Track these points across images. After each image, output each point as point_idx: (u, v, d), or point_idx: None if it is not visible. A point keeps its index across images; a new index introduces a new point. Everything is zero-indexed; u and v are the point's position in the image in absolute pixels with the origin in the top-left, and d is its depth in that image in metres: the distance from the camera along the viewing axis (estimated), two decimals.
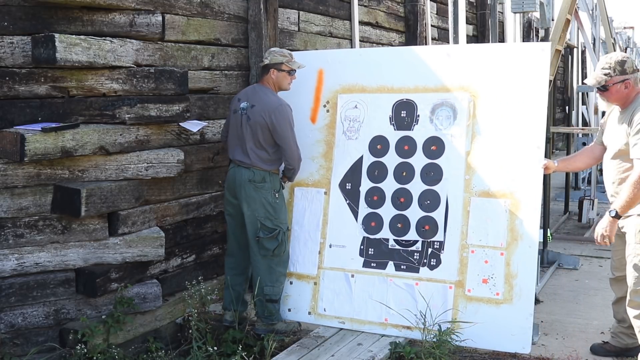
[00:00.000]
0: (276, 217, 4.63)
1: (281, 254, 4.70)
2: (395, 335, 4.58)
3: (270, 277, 4.68)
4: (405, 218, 4.78)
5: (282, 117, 4.57)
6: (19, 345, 4.20)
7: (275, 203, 4.63)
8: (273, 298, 4.69)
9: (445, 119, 4.78)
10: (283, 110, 4.59)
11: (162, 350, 4.57)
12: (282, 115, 4.57)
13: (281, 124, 4.56)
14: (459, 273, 4.56)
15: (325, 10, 6.88)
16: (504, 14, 9.76)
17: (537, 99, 4.53)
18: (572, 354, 4.38)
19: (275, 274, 4.71)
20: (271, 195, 4.62)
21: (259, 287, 4.64)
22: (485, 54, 4.80)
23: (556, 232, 8.15)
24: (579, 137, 9.88)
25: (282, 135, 4.58)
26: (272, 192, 4.63)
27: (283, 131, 4.57)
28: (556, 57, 5.84)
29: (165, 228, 4.87)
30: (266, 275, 4.67)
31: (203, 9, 5.23)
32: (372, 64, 5.06)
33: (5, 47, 4.07)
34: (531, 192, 4.45)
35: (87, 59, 4.15)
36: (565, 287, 5.91)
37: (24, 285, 4.19)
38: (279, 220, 4.65)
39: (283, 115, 4.57)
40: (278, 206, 4.66)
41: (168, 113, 4.65)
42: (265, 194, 4.60)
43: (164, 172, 4.66)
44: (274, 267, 4.69)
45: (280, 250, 4.68)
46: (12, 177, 4.09)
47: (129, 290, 4.52)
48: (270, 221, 4.62)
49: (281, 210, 4.69)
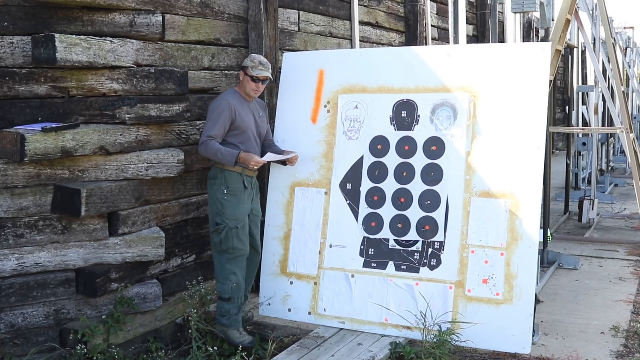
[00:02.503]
0: (223, 212, 4.56)
1: (229, 249, 4.57)
2: (395, 335, 4.58)
3: (222, 274, 4.63)
4: (405, 218, 4.78)
5: (210, 106, 4.61)
6: (19, 345, 4.20)
7: (223, 199, 4.57)
8: (222, 296, 4.62)
9: (446, 119, 4.78)
10: (215, 100, 4.64)
11: (162, 350, 4.57)
12: (210, 105, 4.62)
13: (208, 111, 4.61)
14: (459, 273, 4.56)
15: (325, 10, 6.88)
16: (504, 14, 9.75)
17: (537, 99, 4.53)
18: (572, 354, 4.39)
19: (225, 271, 4.61)
20: (220, 192, 4.57)
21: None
22: (486, 54, 4.80)
23: (556, 232, 8.15)
24: (579, 137, 9.88)
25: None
26: (221, 188, 4.57)
27: (207, 117, 4.62)
28: (556, 57, 5.84)
29: (165, 228, 4.87)
30: (218, 271, 4.66)
31: (203, 9, 5.23)
32: (373, 64, 5.06)
33: (5, 47, 4.07)
34: (531, 192, 4.45)
35: (87, 59, 4.15)
36: (565, 287, 5.91)
37: (24, 285, 4.19)
38: (225, 216, 4.56)
39: (211, 104, 4.61)
40: (226, 202, 4.57)
41: (168, 113, 4.65)
42: (215, 191, 4.59)
43: (164, 172, 4.66)
44: (224, 264, 4.60)
45: (227, 246, 4.56)
46: (12, 177, 4.09)
47: (129, 290, 4.52)
48: (219, 216, 4.59)
49: (230, 206, 4.58)
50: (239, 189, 4.62)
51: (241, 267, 4.67)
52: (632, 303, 5.43)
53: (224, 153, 4.48)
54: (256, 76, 4.63)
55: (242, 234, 4.62)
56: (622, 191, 11.62)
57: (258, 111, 4.83)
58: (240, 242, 4.62)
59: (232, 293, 4.61)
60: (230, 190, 4.59)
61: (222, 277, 4.62)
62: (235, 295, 4.62)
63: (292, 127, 5.18)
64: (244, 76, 4.68)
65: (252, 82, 4.65)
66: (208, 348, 4.35)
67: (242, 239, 4.62)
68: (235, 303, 4.63)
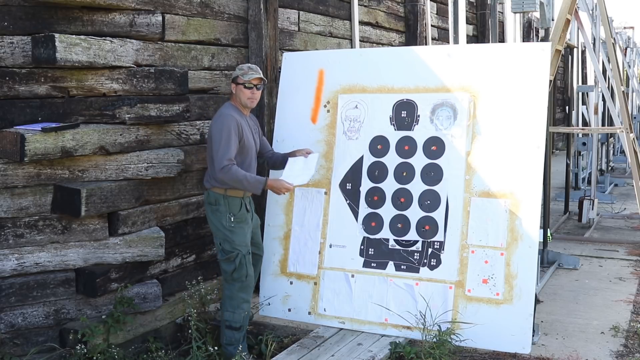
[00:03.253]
0: (232, 240, 4.38)
1: (242, 278, 4.40)
2: (395, 335, 4.58)
3: (231, 303, 4.43)
4: (405, 218, 4.78)
5: (215, 125, 4.32)
6: (19, 345, 4.20)
7: (231, 227, 4.37)
8: (233, 325, 4.43)
9: (446, 119, 4.78)
10: (219, 118, 4.34)
11: (162, 350, 4.56)
12: (216, 123, 4.32)
13: (212, 131, 4.32)
14: (459, 273, 4.56)
15: (325, 10, 6.88)
16: (504, 14, 9.76)
17: (537, 99, 4.53)
18: (572, 354, 4.39)
19: (237, 299, 4.42)
20: (226, 219, 4.37)
21: (221, 311, 4.54)
22: (486, 54, 4.80)
23: (556, 232, 8.16)
24: (579, 137, 9.88)
25: (210, 144, 4.33)
26: (227, 216, 4.36)
27: (212, 138, 4.31)
28: (556, 57, 5.84)
29: (165, 228, 4.87)
30: (227, 299, 4.46)
31: (203, 9, 5.23)
32: (373, 64, 5.06)
33: (5, 47, 4.07)
34: (531, 192, 4.45)
35: (87, 59, 4.15)
36: (565, 287, 5.91)
37: (24, 285, 4.19)
38: (236, 244, 4.38)
39: (217, 123, 4.32)
40: (235, 229, 4.38)
41: (168, 113, 4.65)
42: (220, 218, 4.38)
43: (164, 172, 4.66)
44: (236, 293, 4.42)
45: (240, 275, 4.39)
46: (12, 177, 4.09)
47: (129, 290, 4.52)
48: (229, 244, 4.39)
49: (239, 233, 4.39)
50: (244, 214, 4.44)
51: (251, 293, 4.52)
52: (632, 303, 5.44)
53: (250, 180, 4.28)
54: (248, 81, 4.40)
55: (248, 261, 4.46)
56: (622, 191, 11.62)
57: (253, 125, 4.62)
58: (250, 269, 4.46)
59: (243, 321, 4.46)
60: (237, 218, 4.40)
61: (234, 306, 4.43)
62: (245, 323, 4.49)
63: (292, 127, 5.18)
64: (236, 87, 4.44)
65: (245, 89, 4.41)
66: (208, 348, 4.35)
67: (249, 267, 4.46)
68: (243, 331, 4.48)
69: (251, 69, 4.47)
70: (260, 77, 4.47)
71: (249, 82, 4.41)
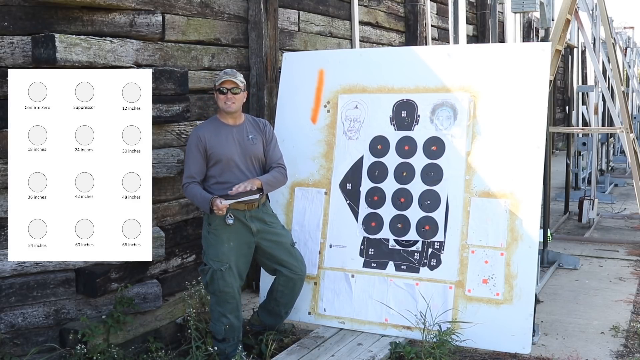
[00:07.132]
0: (207, 252, 4.32)
1: (216, 293, 4.29)
2: (395, 335, 4.58)
3: (212, 314, 4.39)
4: (405, 218, 4.78)
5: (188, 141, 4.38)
6: (19, 345, 4.20)
7: (207, 236, 4.32)
8: (215, 336, 4.35)
9: (446, 119, 4.78)
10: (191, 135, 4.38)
11: (162, 350, 4.56)
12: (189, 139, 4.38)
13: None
14: (459, 273, 4.56)
15: (325, 10, 6.88)
16: (504, 14, 9.76)
17: (537, 99, 4.53)
18: (572, 354, 4.39)
19: (215, 312, 4.35)
20: (205, 227, 4.34)
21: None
22: (486, 54, 4.80)
23: (556, 232, 8.16)
24: (579, 137, 9.88)
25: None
26: (206, 223, 4.33)
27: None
28: (556, 57, 5.84)
29: (165, 228, 4.87)
30: (211, 310, 4.42)
31: (203, 9, 5.23)
32: (373, 64, 5.06)
33: (5, 47, 4.07)
34: (531, 192, 4.45)
35: (87, 59, 4.15)
36: (565, 287, 5.91)
37: (24, 285, 4.19)
38: (209, 256, 4.29)
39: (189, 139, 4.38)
40: (210, 241, 4.29)
41: (168, 113, 4.65)
42: (203, 226, 4.38)
43: (164, 172, 4.66)
44: (213, 305, 4.36)
45: (214, 289, 4.28)
46: None
47: (129, 290, 4.51)
48: (205, 256, 4.35)
49: (211, 246, 4.28)
50: (220, 226, 4.26)
51: (231, 309, 4.32)
52: (632, 303, 5.44)
53: (199, 199, 4.23)
54: (220, 84, 4.30)
55: (228, 276, 4.26)
56: (622, 191, 11.62)
57: (248, 133, 4.40)
58: (227, 285, 4.27)
59: (226, 334, 4.33)
60: (212, 227, 4.29)
61: (214, 317, 4.38)
62: (230, 335, 4.35)
63: (292, 127, 5.18)
64: (215, 93, 4.37)
65: (219, 94, 4.32)
66: (208, 348, 4.35)
67: (228, 282, 4.27)
68: (231, 342, 4.36)
69: (226, 73, 4.33)
70: (231, 80, 4.28)
71: (221, 85, 4.32)
